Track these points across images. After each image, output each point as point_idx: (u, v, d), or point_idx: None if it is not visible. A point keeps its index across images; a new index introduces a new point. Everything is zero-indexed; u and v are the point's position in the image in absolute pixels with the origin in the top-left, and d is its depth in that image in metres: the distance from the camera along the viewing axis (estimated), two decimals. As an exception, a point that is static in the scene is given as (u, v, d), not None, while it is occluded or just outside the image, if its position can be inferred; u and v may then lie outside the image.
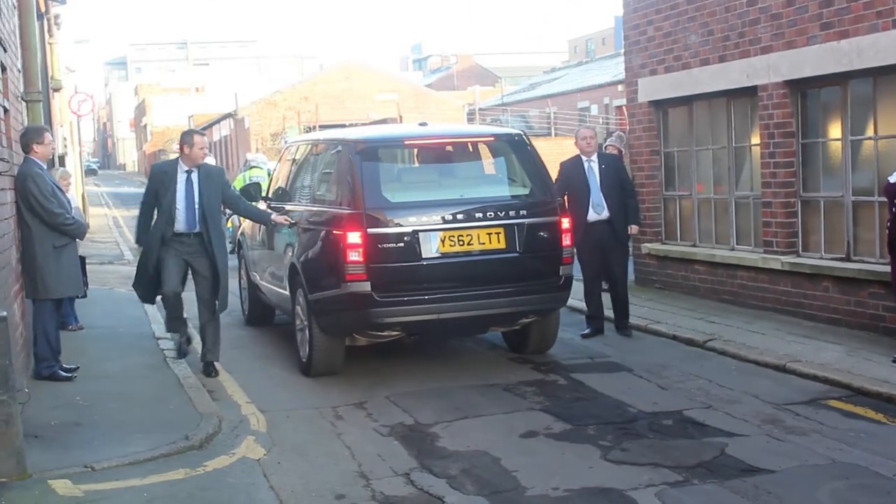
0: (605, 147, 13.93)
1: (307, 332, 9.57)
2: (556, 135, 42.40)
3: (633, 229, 11.18)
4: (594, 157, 11.05)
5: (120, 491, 6.40)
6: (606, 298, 11.33)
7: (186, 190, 9.51)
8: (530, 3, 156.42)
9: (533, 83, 62.31)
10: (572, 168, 10.99)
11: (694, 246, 13.02)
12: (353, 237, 8.86)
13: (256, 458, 7.18)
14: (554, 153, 12.84)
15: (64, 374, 9.14)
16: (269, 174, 16.39)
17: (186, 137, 9.68)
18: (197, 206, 9.50)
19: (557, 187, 10.17)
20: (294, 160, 11.43)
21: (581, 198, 10.78)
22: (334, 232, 9.11)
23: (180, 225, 9.49)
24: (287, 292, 10.18)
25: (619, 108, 38.38)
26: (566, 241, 9.45)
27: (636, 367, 9.56)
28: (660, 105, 13.54)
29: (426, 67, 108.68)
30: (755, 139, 11.80)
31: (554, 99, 49.90)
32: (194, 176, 9.56)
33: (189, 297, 9.84)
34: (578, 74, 55.01)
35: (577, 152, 11.06)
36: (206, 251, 9.54)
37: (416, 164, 10.44)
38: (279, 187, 11.31)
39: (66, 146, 26.40)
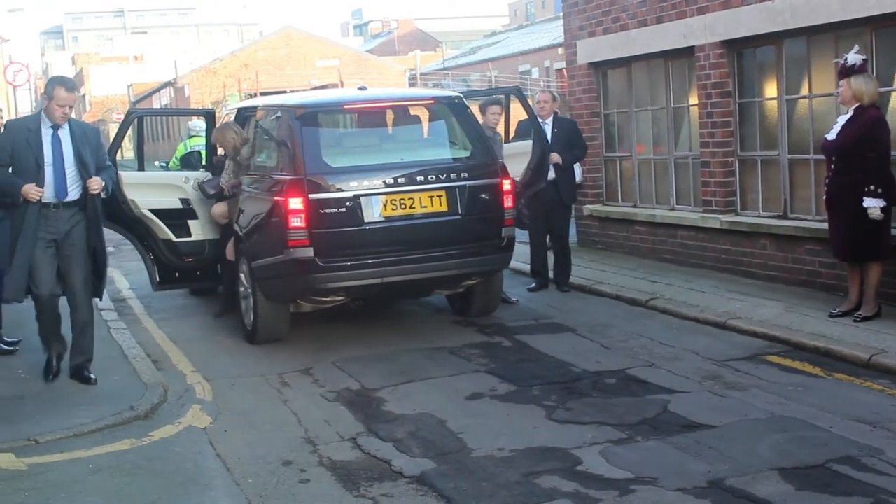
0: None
1: (251, 299, 9.55)
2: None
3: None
4: (549, 121, 11.29)
5: (64, 463, 6.38)
6: (550, 257, 11.53)
7: (54, 149, 7.87)
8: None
9: (474, 47, 62.27)
10: (527, 128, 11.12)
11: (635, 206, 13.13)
12: (295, 203, 8.82)
13: (202, 426, 7.18)
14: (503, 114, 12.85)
15: (5, 346, 9.05)
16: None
17: (49, 87, 7.91)
18: (69, 169, 7.90)
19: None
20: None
21: None
22: (276, 198, 9.06)
23: (48, 193, 7.82)
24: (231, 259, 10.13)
25: (559, 70, 38.45)
26: (508, 202, 9.50)
27: (580, 327, 9.65)
28: (599, 67, 13.59)
29: (367, 33, 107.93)
30: (693, 100, 11.89)
31: (495, 63, 49.91)
32: (63, 133, 7.94)
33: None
34: (519, 38, 55.05)
35: (523, 115, 11.18)
36: (81, 227, 8.00)
37: (357, 129, 10.42)
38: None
39: (1, 116, 25.92)
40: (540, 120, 11.12)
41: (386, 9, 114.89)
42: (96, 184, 7.92)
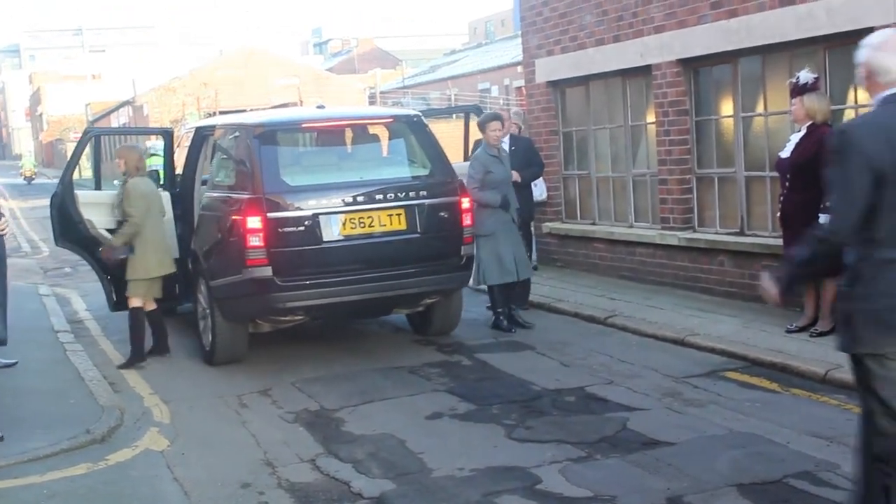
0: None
1: (209, 319, 9.49)
2: (457, 117, 42.43)
3: (513, 175, 11.06)
4: (505, 139, 11.33)
5: (18, 489, 6.29)
6: None
7: None
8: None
9: (434, 66, 62.35)
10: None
11: (593, 224, 13.18)
12: (253, 222, 8.78)
13: (160, 449, 7.11)
14: (455, 135, 12.85)
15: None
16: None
17: None
18: None
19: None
20: (194, 146, 11.27)
21: None
22: (234, 217, 9.02)
23: None
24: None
25: (518, 89, 38.56)
26: (467, 220, 9.52)
27: (539, 345, 9.67)
28: (557, 85, 13.65)
29: (327, 51, 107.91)
30: (650, 117, 11.97)
31: (455, 81, 50.02)
32: None
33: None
34: (478, 56, 55.20)
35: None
36: None
37: (316, 147, 10.41)
38: (178, 174, 11.18)
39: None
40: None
41: (346, 27, 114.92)
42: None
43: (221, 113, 36.53)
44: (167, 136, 11.50)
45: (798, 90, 8.81)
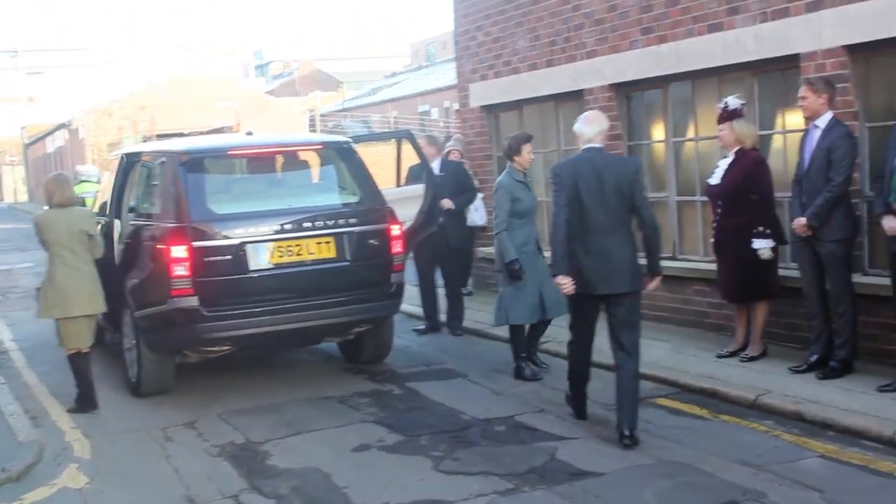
0: (447, 152, 13.93)
1: (135, 350, 9.29)
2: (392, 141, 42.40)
3: (445, 203, 11.09)
4: (435, 164, 11.43)
5: (-74, 531, 6.08)
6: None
7: None
8: (373, 8, 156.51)
9: (374, 88, 62.31)
10: (418, 173, 11.12)
11: (529, 249, 13.11)
12: (178, 251, 8.62)
13: (78, 487, 6.92)
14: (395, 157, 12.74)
15: None
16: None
17: None
18: None
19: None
20: (121, 172, 11.06)
21: None
22: (159, 246, 8.85)
23: None
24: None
25: (458, 111, 38.58)
26: (397, 247, 9.42)
27: (471, 372, 9.58)
28: (491, 110, 13.63)
29: (268, 73, 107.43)
30: (584, 142, 11.94)
31: (395, 103, 50.05)
32: None
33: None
34: (419, 78, 55.28)
35: (417, 158, 11.17)
36: None
37: (243, 175, 10.25)
38: (105, 201, 10.97)
39: None
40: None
41: (287, 49, 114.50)
42: None
43: (158, 137, 36.23)
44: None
45: (727, 116, 8.85)
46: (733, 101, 8.86)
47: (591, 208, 7.15)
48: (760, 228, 8.64)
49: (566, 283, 7.20)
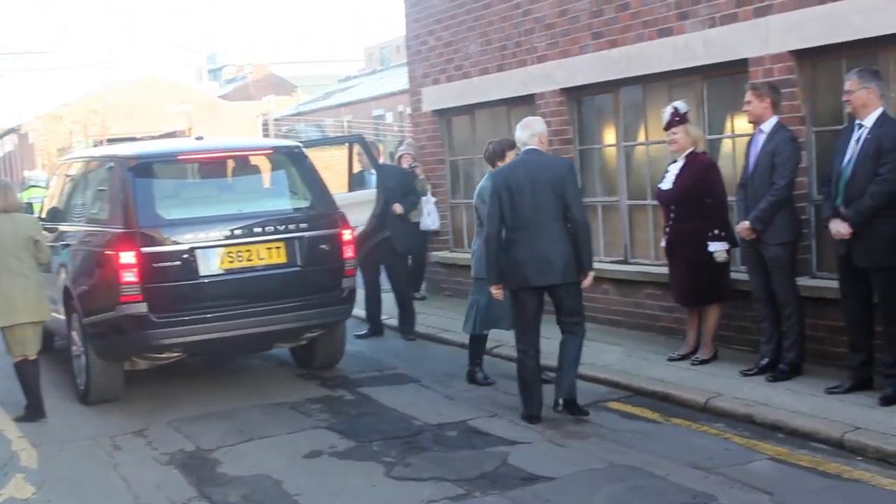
0: (399, 156, 13.93)
1: (84, 357, 9.17)
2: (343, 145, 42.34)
3: (397, 208, 11.26)
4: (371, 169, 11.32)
5: None
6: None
7: None
8: (326, 12, 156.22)
9: (328, 92, 62.18)
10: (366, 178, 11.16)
11: (482, 253, 13.12)
12: (127, 257, 8.53)
13: (25, 497, 6.81)
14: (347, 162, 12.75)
15: None
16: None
17: None
18: None
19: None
20: (68, 177, 10.96)
21: None
22: (107, 252, 8.75)
23: None
24: (63, 317, 9.72)
25: (411, 115, 38.60)
26: (348, 252, 9.38)
27: (424, 377, 9.56)
28: (443, 114, 13.62)
29: (222, 77, 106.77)
30: (536, 146, 11.96)
31: (349, 107, 49.96)
32: None
33: None
34: (373, 82, 55.23)
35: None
36: None
37: (193, 180, 10.17)
38: (52, 207, 10.85)
39: None
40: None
41: (241, 53, 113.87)
42: None
43: (110, 141, 35.89)
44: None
45: (679, 120, 8.88)
46: (683, 106, 8.91)
47: (523, 206, 7.63)
48: (715, 231, 8.68)
49: (498, 292, 7.94)
